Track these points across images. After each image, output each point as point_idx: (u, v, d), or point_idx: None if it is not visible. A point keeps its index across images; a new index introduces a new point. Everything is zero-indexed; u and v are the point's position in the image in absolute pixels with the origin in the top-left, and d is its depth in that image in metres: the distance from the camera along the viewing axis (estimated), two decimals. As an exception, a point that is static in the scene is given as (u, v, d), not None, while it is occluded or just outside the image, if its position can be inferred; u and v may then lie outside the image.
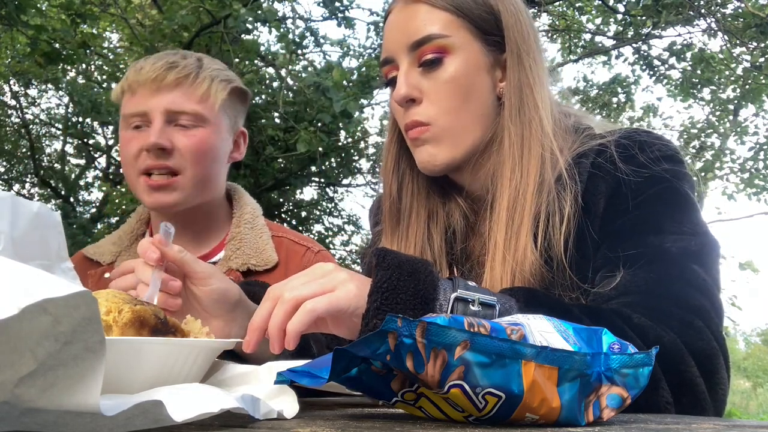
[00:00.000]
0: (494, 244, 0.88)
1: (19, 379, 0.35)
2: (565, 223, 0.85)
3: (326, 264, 0.73)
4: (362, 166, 7.77)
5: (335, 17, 6.03)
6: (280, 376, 0.54)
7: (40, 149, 9.59)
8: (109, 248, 1.40)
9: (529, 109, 0.91)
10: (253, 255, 1.31)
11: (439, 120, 0.91)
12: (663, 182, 0.85)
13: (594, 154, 0.89)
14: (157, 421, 0.42)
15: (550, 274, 0.85)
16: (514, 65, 0.92)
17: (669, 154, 0.88)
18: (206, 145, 1.27)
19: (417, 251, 0.99)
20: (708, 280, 0.80)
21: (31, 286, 0.34)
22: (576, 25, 8.14)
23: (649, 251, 0.81)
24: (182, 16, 4.71)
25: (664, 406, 0.70)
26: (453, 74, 0.91)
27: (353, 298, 0.69)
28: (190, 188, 1.26)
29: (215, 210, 1.36)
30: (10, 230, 0.62)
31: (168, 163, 1.24)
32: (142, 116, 1.25)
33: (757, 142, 8.81)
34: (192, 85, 1.26)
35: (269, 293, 0.71)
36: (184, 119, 1.25)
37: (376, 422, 0.51)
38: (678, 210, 0.84)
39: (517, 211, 0.88)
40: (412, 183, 1.02)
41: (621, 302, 0.78)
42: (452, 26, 0.92)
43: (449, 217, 1.00)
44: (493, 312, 0.70)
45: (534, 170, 0.88)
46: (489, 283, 0.87)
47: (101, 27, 7.24)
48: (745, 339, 20.92)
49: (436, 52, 0.91)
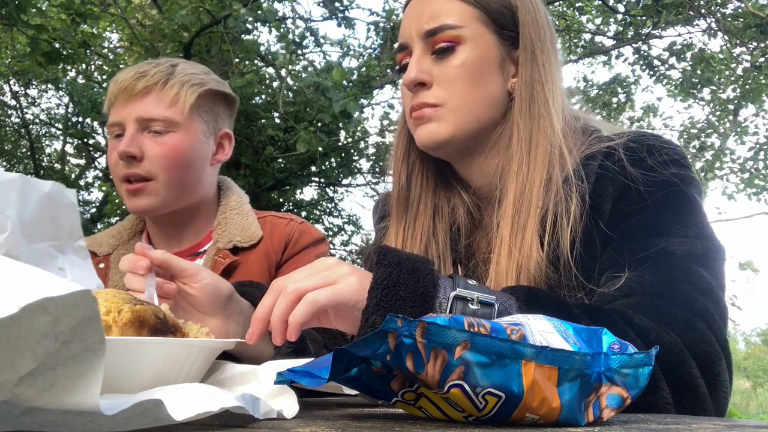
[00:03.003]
0: (500, 239, 0.89)
1: (19, 379, 0.35)
2: (571, 222, 0.85)
3: (328, 258, 0.74)
4: (362, 166, 7.77)
5: (335, 17, 6.03)
6: (280, 376, 0.54)
7: (40, 149, 9.59)
8: (107, 240, 1.43)
9: (539, 106, 0.91)
10: (239, 233, 1.35)
11: (449, 102, 0.93)
12: (671, 186, 0.85)
13: (602, 156, 0.90)
14: (157, 420, 0.42)
15: (556, 273, 0.85)
16: (527, 61, 0.93)
17: (677, 159, 0.88)
18: (177, 151, 1.30)
19: (422, 245, 1.00)
20: (713, 283, 0.80)
21: (31, 285, 0.34)
22: (576, 25, 8.14)
23: (655, 253, 0.81)
24: (182, 16, 4.70)
25: (663, 406, 0.70)
26: (463, 61, 0.93)
27: (354, 291, 0.70)
28: (165, 193, 1.30)
29: (204, 208, 1.40)
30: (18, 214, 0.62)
31: (138, 171, 1.28)
32: (119, 126, 1.30)
33: (757, 142, 8.81)
34: (161, 91, 1.29)
35: (272, 286, 0.72)
36: (155, 126, 1.29)
37: (376, 422, 0.51)
38: (684, 214, 0.85)
39: (524, 206, 0.88)
40: (421, 174, 1.03)
41: (624, 303, 0.78)
42: (467, 17, 0.93)
43: (454, 213, 1.01)
44: (492, 310, 0.70)
45: (541, 167, 0.89)
46: (494, 279, 0.88)
47: (101, 27, 7.24)
48: (745, 339, 20.94)
49: (447, 42, 0.93)
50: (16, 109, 8.83)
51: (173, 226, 1.38)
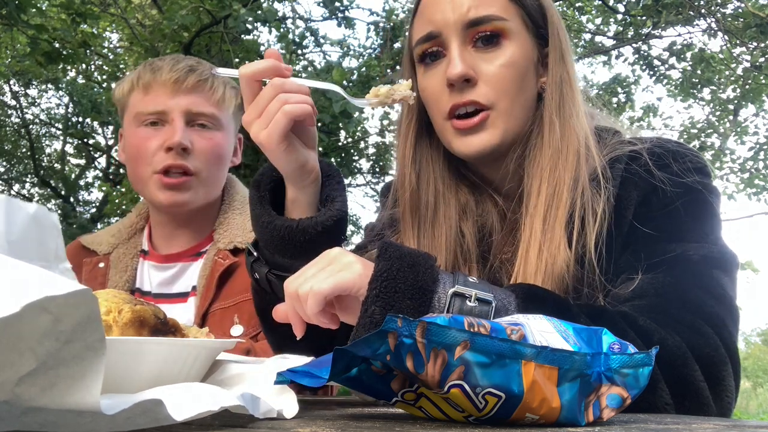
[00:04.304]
0: (530, 237, 0.88)
1: (20, 378, 0.35)
2: (598, 222, 0.85)
3: (332, 249, 0.75)
4: (362, 166, 7.78)
5: (335, 17, 6.03)
6: (280, 376, 0.54)
7: (40, 149, 9.59)
8: (107, 239, 1.42)
9: (569, 106, 0.91)
10: (240, 233, 1.35)
11: (499, 103, 0.89)
12: (694, 193, 0.86)
13: (627, 159, 0.89)
14: (158, 420, 0.42)
15: (582, 272, 0.85)
16: (557, 60, 0.92)
17: (700, 167, 0.88)
18: (220, 148, 1.33)
19: (450, 252, 0.96)
20: (727, 288, 0.81)
21: (31, 285, 0.34)
22: (576, 25, 8.14)
23: (670, 258, 0.81)
24: (182, 16, 4.71)
25: (662, 406, 0.70)
26: (510, 59, 0.90)
27: (358, 278, 0.71)
28: (201, 189, 1.32)
29: (208, 208, 1.40)
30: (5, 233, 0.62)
31: (186, 163, 1.28)
32: (159, 115, 1.29)
33: (757, 142, 8.82)
34: (210, 90, 1.31)
35: (286, 291, 0.74)
36: (201, 120, 1.30)
37: (376, 422, 0.51)
38: (704, 222, 0.85)
39: (554, 204, 0.88)
40: (432, 175, 0.99)
41: (634, 305, 0.78)
42: (509, 11, 0.91)
43: (484, 213, 0.98)
44: (489, 308, 0.70)
45: (571, 165, 0.89)
46: (521, 277, 0.87)
47: (101, 27, 7.24)
48: (745, 339, 20.96)
49: (492, 34, 0.89)
50: (16, 109, 8.84)
51: (178, 225, 1.37)
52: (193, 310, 1.30)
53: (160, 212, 1.37)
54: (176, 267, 1.36)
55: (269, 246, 0.87)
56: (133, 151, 1.31)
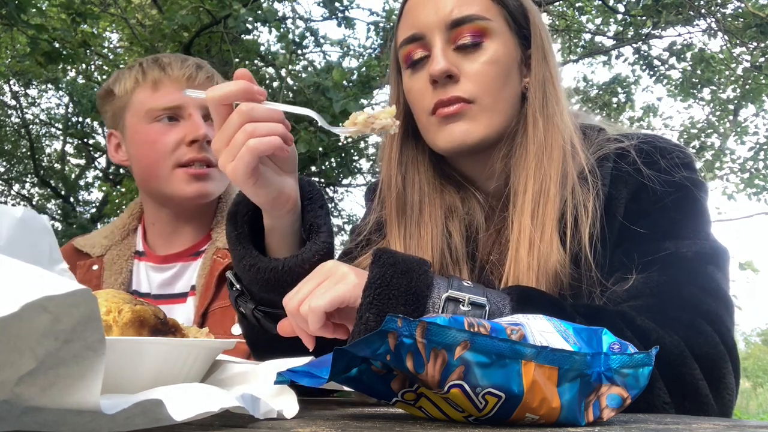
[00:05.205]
0: (519, 235, 0.88)
1: (20, 378, 0.35)
2: (590, 219, 0.86)
3: (326, 263, 0.75)
4: (362, 166, 7.77)
5: (335, 17, 6.03)
6: (280, 376, 0.54)
7: (40, 149, 9.59)
8: (100, 241, 1.42)
9: (552, 104, 0.92)
10: None
11: (483, 98, 0.90)
12: (683, 189, 0.86)
13: (615, 157, 0.90)
14: (157, 420, 0.42)
15: (577, 270, 0.85)
16: (540, 60, 0.93)
17: (687, 162, 0.89)
18: None
19: (437, 252, 0.96)
20: (722, 283, 0.81)
21: (30, 284, 0.34)
22: (576, 25, 8.14)
23: (664, 256, 0.81)
24: (182, 16, 4.71)
25: (661, 406, 0.70)
26: (494, 56, 0.90)
27: (353, 288, 0.71)
28: (221, 180, 1.34)
29: (209, 206, 1.40)
30: None
31: (209, 155, 1.30)
32: (175, 110, 1.30)
33: (757, 142, 8.81)
34: None
35: (287, 308, 0.74)
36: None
37: (376, 422, 0.51)
38: (694, 218, 0.85)
39: (542, 202, 0.88)
40: (418, 176, 0.99)
41: (631, 305, 0.78)
42: (492, 11, 0.92)
43: (470, 212, 0.98)
44: (482, 312, 0.71)
45: (557, 162, 0.89)
46: (512, 277, 0.87)
47: (101, 27, 7.24)
48: (745, 339, 20.96)
49: (474, 34, 0.90)
50: (16, 109, 8.84)
51: (181, 223, 1.37)
52: (192, 310, 1.30)
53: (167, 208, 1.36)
54: (176, 267, 1.36)
55: (253, 286, 0.86)
56: (147, 147, 1.31)
